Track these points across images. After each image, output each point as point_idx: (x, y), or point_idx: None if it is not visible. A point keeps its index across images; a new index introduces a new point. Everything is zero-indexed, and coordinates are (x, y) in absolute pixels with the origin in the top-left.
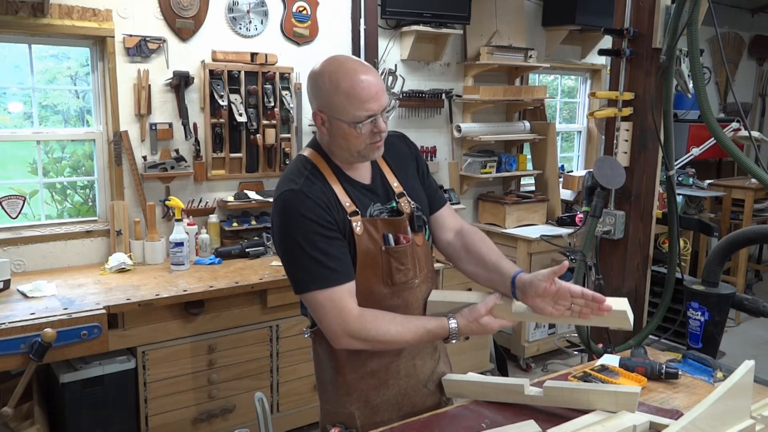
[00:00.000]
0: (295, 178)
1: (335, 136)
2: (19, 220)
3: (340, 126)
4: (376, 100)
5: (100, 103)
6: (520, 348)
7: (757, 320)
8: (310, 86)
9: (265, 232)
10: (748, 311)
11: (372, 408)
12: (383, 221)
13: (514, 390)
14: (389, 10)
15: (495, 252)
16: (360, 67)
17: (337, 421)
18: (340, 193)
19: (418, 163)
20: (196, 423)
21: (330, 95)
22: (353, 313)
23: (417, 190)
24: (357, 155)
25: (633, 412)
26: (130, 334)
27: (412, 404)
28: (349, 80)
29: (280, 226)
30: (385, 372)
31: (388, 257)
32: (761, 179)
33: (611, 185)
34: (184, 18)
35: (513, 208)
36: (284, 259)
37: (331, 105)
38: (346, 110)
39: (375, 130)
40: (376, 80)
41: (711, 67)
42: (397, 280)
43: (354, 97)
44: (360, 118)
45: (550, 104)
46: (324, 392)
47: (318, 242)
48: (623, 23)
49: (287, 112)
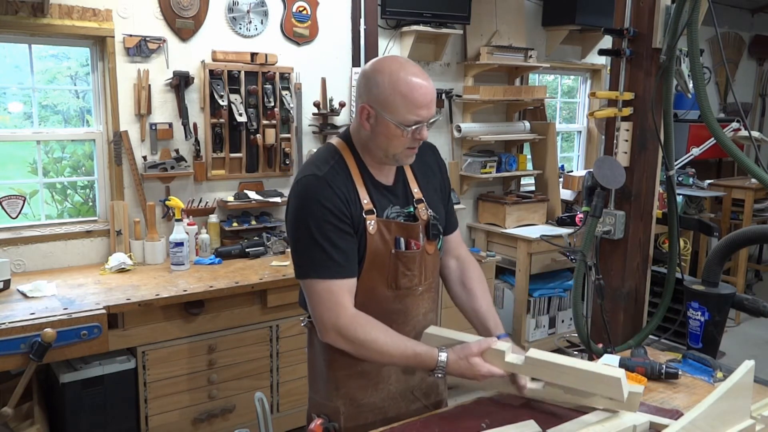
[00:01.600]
0: (320, 164)
1: (378, 134)
2: (19, 220)
3: (387, 125)
4: (428, 108)
5: (100, 103)
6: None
7: (757, 320)
8: (365, 80)
9: (265, 232)
10: (748, 311)
11: (357, 407)
12: (397, 225)
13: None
14: (389, 10)
15: (487, 299)
16: (420, 73)
17: (323, 412)
18: (360, 189)
19: (443, 180)
20: (196, 423)
21: (386, 92)
22: (348, 310)
23: (436, 201)
24: (392, 158)
25: (635, 411)
26: (130, 334)
27: (397, 409)
28: (408, 83)
29: (296, 208)
30: (376, 374)
31: (397, 261)
32: (761, 179)
33: (611, 185)
34: (184, 18)
35: (513, 208)
36: (293, 241)
37: (384, 102)
38: (399, 111)
39: (417, 137)
40: (432, 89)
41: (711, 67)
42: (402, 285)
43: (410, 100)
44: (409, 122)
45: (550, 104)
46: (314, 382)
47: (329, 232)
48: (623, 23)
49: (287, 112)
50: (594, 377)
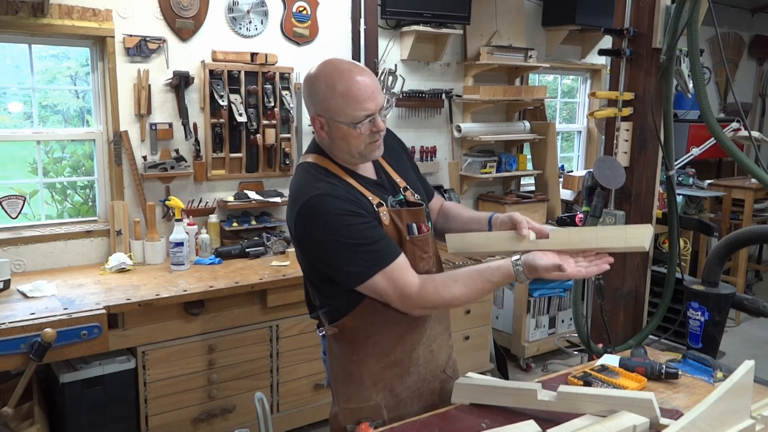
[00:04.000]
0: (313, 184)
1: (335, 139)
2: (19, 220)
3: (340, 128)
4: (372, 99)
5: (100, 103)
6: (520, 348)
7: (757, 320)
8: (307, 91)
9: (265, 232)
10: (748, 311)
11: (396, 397)
12: (407, 211)
13: (527, 395)
14: (389, 10)
15: (471, 209)
16: (354, 68)
17: (362, 417)
18: (360, 188)
19: (409, 158)
20: (196, 423)
21: (327, 98)
22: (413, 288)
23: (415, 182)
24: (358, 156)
25: (657, 419)
26: (130, 334)
27: (431, 390)
28: (345, 82)
29: (313, 233)
30: (408, 359)
31: (413, 246)
32: (761, 179)
33: (611, 185)
34: (184, 18)
35: (513, 208)
36: (333, 260)
37: (329, 108)
38: (345, 112)
39: (374, 130)
40: (372, 80)
41: (711, 67)
42: (421, 269)
43: (351, 98)
44: (359, 119)
45: (550, 104)
46: (344, 390)
47: (356, 232)
48: (623, 23)
49: (287, 112)
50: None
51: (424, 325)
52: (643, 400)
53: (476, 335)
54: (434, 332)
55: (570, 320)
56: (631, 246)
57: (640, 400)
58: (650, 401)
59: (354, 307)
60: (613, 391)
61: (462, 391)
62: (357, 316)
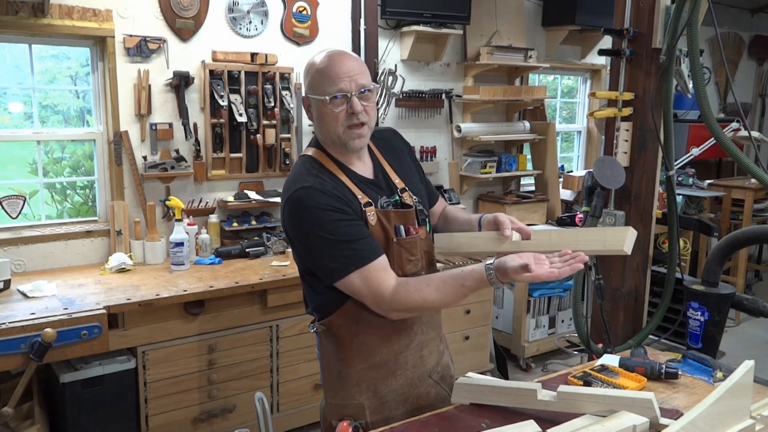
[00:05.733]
0: (304, 177)
1: (316, 120)
2: (19, 220)
3: (317, 105)
4: (348, 78)
5: (100, 103)
6: (520, 348)
7: (757, 320)
8: (303, 79)
9: (265, 232)
10: (748, 311)
11: (380, 399)
12: (395, 213)
13: (527, 395)
14: (389, 10)
15: (470, 213)
16: (342, 52)
17: (345, 414)
18: (352, 186)
19: (412, 158)
20: (196, 423)
21: (309, 77)
22: (388, 291)
23: (416, 184)
24: (338, 140)
25: (657, 419)
26: (130, 334)
27: (418, 395)
28: (325, 60)
29: (298, 224)
30: (394, 362)
31: (400, 248)
32: (761, 179)
33: (611, 185)
34: (184, 18)
35: (513, 208)
36: (309, 254)
37: (310, 85)
38: (320, 87)
39: (350, 111)
40: (354, 63)
41: (711, 67)
42: (408, 271)
43: (326, 75)
44: (330, 94)
45: (550, 104)
46: (331, 386)
47: (337, 228)
48: (623, 23)
49: (287, 112)
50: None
51: (413, 328)
52: (642, 400)
53: (476, 335)
54: (426, 337)
55: (570, 320)
56: (610, 249)
57: (640, 400)
58: (650, 401)
59: (340, 305)
60: (613, 391)
61: (462, 391)
62: (343, 314)
